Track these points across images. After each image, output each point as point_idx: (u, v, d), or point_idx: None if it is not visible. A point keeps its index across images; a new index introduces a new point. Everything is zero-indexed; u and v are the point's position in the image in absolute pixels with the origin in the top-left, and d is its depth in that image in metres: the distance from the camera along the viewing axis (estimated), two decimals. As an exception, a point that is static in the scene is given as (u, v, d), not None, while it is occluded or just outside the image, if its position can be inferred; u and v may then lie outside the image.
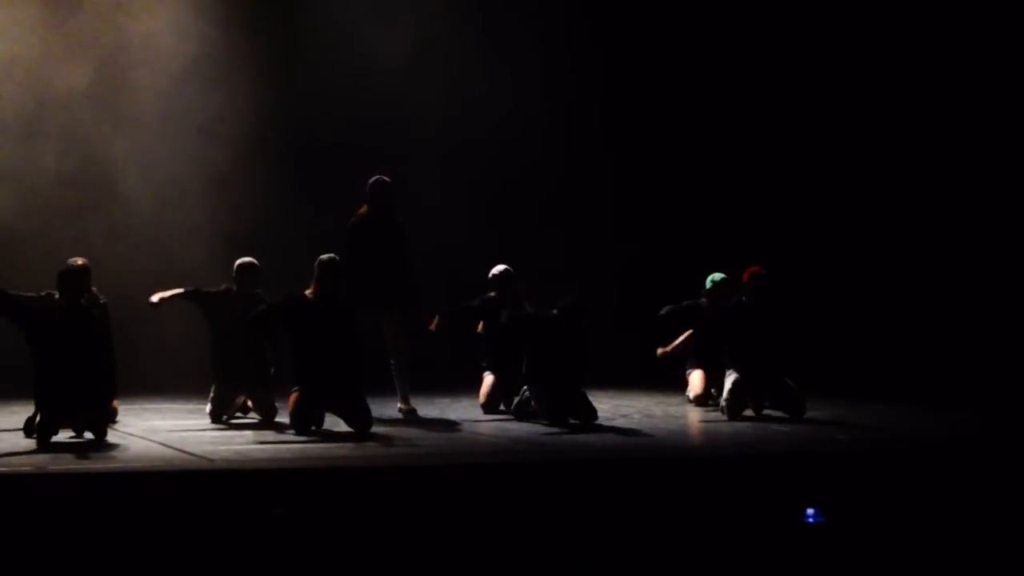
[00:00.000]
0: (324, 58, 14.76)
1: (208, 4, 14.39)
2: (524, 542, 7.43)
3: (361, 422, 10.50)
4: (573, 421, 11.04)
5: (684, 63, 15.62)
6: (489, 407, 11.99)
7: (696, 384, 12.67)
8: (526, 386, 11.38)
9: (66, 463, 8.90)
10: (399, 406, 11.72)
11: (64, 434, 9.95)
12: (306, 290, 10.72)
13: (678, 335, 12.70)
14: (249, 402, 11.44)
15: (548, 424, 11.03)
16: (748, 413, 11.54)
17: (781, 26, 15.47)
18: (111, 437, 10.02)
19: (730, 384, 11.55)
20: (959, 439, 10.50)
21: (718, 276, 12.43)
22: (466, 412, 11.96)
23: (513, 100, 15.00)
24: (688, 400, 12.73)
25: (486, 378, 12.11)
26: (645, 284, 14.32)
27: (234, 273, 11.33)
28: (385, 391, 11.77)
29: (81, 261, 11.06)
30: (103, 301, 11.21)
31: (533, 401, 11.32)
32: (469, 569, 7.21)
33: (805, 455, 9.71)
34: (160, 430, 10.65)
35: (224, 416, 11.27)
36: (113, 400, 10.63)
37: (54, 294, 10.46)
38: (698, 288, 12.53)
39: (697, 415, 12.09)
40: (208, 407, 11.29)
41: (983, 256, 14.90)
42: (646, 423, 11.31)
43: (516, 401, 11.56)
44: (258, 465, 9.02)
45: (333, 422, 10.68)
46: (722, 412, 11.61)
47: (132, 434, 10.37)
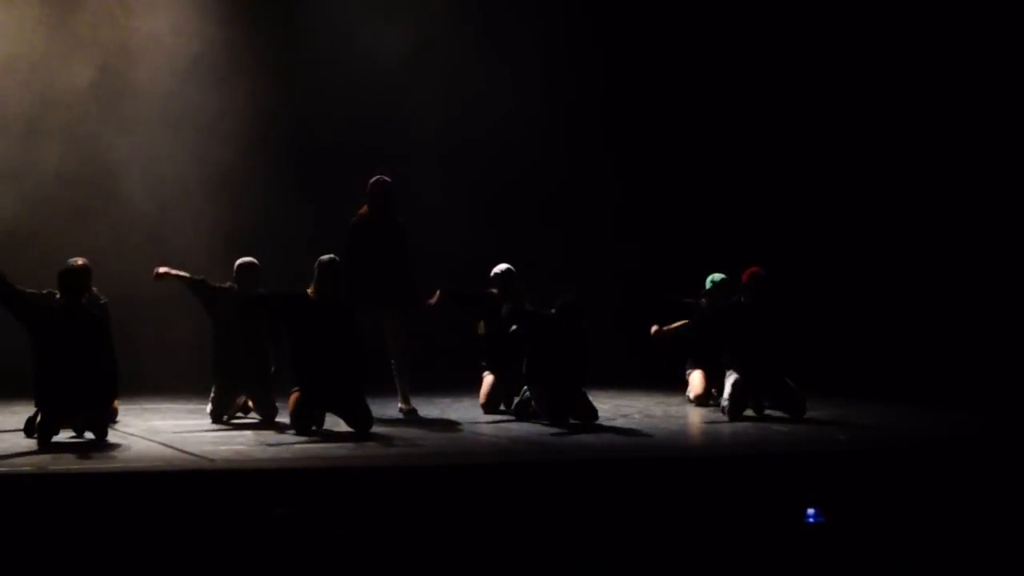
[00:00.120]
0: (324, 58, 14.76)
1: (209, 4, 14.38)
2: (524, 542, 7.43)
3: (361, 422, 10.51)
4: (573, 421, 11.04)
5: (684, 63, 15.62)
6: (489, 407, 11.99)
7: (696, 384, 12.67)
8: (526, 386, 11.39)
9: (67, 463, 8.90)
10: (399, 406, 11.73)
11: (65, 434, 9.95)
12: (307, 290, 10.74)
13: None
14: (250, 402, 11.44)
15: (548, 424, 11.04)
16: (748, 413, 11.54)
17: (781, 27, 15.47)
18: (112, 437, 10.02)
19: (730, 384, 11.56)
20: (959, 439, 10.50)
21: (718, 276, 12.44)
22: (466, 412, 11.96)
23: (513, 100, 14.99)
24: (688, 400, 12.74)
25: (486, 378, 12.11)
26: (645, 284, 14.31)
27: (234, 273, 11.33)
28: (385, 391, 11.77)
29: (81, 261, 11.04)
30: (103, 301, 11.21)
31: (533, 401, 11.32)
32: (469, 569, 7.21)
33: (805, 455, 9.72)
34: (161, 430, 10.65)
35: (225, 416, 11.27)
36: (114, 400, 10.64)
37: (55, 293, 10.45)
38: (698, 288, 12.54)
39: (697, 415, 12.09)
40: (209, 407, 11.30)
41: (983, 256, 14.90)
42: (646, 423, 11.31)
43: (516, 401, 11.56)
44: (258, 465, 9.03)
45: (333, 422, 10.68)
46: (722, 412, 11.61)
47: (133, 434, 10.37)
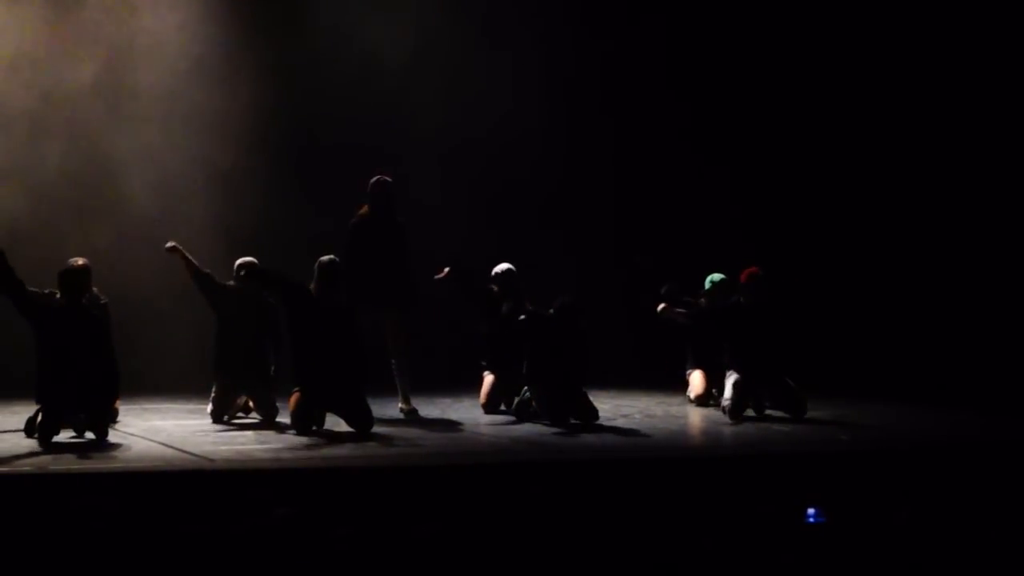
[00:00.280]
0: (325, 58, 14.74)
1: (212, 4, 14.39)
2: (524, 542, 7.43)
3: (362, 422, 10.51)
4: (574, 421, 11.04)
5: (685, 62, 15.61)
6: (490, 407, 11.99)
7: (697, 384, 12.67)
8: (526, 386, 11.39)
9: (67, 463, 8.91)
10: (400, 406, 11.73)
11: (65, 434, 9.95)
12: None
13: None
14: (250, 402, 11.44)
15: (549, 424, 11.04)
16: (749, 413, 11.54)
17: (781, 27, 15.46)
18: (112, 437, 10.03)
19: (731, 385, 11.55)
20: (959, 439, 10.50)
21: (718, 276, 12.43)
22: (467, 412, 11.96)
23: (513, 100, 14.98)
24: (689, 400, 12.73)
25: (486, 378, 12.11)
26: (645, 283, 14.30)
27: (235, 272, 11.32)
28: (386, 391, 11.77)
29: (82, 261, 11.04)
30: (104, 301, 11.21)
31: (534, 401, 11.32)
32: (470, 569, 7.21)
33: (806, 455, 9.72)
34: (161, 430, 10.65)
35: (225, 416, 11.27)
36: (115, 400, 10.64)
37: (55, 293, 10.46)
38: (698, 288, 12.53)
39: (698, 415, 12.10)
40: (209, 407, 11.30)
41: (983, 256, 14.89)
42: (647, 423, 11.31)
43: (517, 401, 11.56)
44: (259, 465, 9.03)
45: (334, 422, 10.68)
46: (723, 412, 11.61)
47: (133, 434, 10.37)
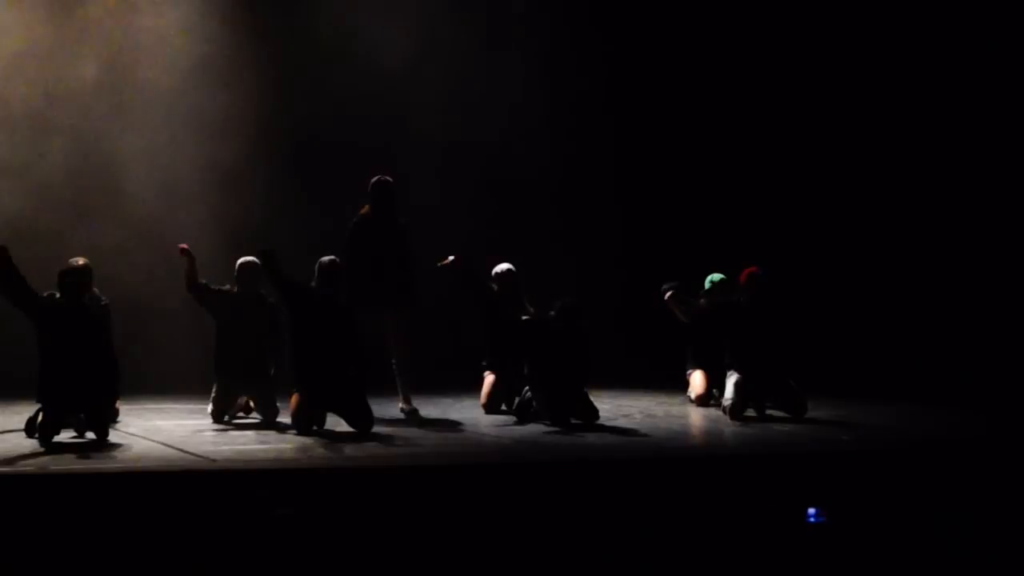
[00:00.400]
0: (327, 58, 14.75)
1: (214, 3, 14.39)
2: (525, 542, 7.44)
3: (362, 422, 10.51)
4: (575, 421, 11.03)
5: (688, 62, 15.62)
6: (490, 407, 11.99)
7: (697, 384, 12.67)
8: (528, 386, 11.38)
9: (68, 463, 8.90)
10: (401, 406, 11.72)
11: (65, 434, 9.95)
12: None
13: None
14: (251, 402, 11.44)
15: (550, 424, 11.03)
16: (750, 413, 11.53)
17: (781, 27, 15.46)
18: (112, 437, 10.02)
19: (732, 384, 11.55)
20: (959, 439, 10.50)
21: (718, 276, 12.43)
22: (468, 412, 11.96)
23: (513, 100, 14.99)
24: (689, 400, 12.73)
25: (487, 378, 12.11)
26: (646, 284, 14.31)
27: (235, 273, 11.32)
28: (386, 391, 11.77)
29: (82, 261, 11.04)
30: (104, 302, 11.21)
31: (535, 401, 11.31)
32: (470, 569, 7.21)
33: (807, 455, 9.71)
34: (162, 430, 10.64)
35: (226, 416, 11.26)
36: (115, 400, 10.63)
37: (55, 294, 10.45)
38: (698, 288, 12.53)
39: (698, 415, 12.09)
40: (210, 407, 11.29)
41: (983, 256, 14.90)
42: (647, 423, 11.31)
43: (518, 401, 11.55)
44: (260, 465, 9.01)
45: (334, 422, 10.68)
46: (724, 412, 11.61)
47: (134, 434, 10.37)
